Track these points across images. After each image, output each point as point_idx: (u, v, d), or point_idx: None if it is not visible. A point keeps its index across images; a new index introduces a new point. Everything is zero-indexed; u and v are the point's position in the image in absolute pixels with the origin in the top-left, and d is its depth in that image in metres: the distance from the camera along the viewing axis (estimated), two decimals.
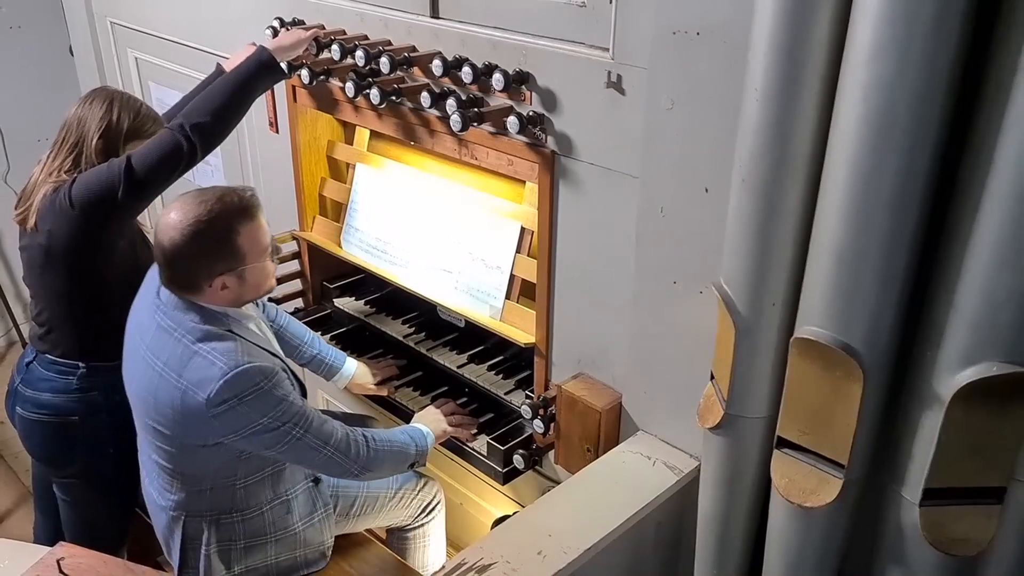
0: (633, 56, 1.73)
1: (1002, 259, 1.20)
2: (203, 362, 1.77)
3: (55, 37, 3.96)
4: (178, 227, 1.76)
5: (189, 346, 1.79)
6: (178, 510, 1.96)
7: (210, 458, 1.87)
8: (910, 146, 1.21)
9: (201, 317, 1.83)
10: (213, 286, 1.81)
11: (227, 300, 1.86)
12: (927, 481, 1.36)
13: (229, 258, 1.80)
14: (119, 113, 2.14)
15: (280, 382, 1.82)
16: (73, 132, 2.14)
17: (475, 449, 2.29)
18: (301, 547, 2.08)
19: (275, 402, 1.80)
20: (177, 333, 1.82)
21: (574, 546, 1.71)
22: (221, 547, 1.99)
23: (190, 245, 1.76)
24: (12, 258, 4.13)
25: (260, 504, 1.99)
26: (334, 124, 2.70)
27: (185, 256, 1.78)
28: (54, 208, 2.08)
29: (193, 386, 1.76)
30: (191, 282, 1.82)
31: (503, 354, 2.44)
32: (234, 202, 1.80)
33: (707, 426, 1.63)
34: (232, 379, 1.74)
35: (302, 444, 1.85)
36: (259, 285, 1.91)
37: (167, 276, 1.84)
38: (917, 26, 1.14)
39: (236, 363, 1.76)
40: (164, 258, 1.81)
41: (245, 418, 1.78)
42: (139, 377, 1.90)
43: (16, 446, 3.51)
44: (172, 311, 1.85)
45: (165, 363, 1.81)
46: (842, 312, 1.33)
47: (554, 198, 2.01)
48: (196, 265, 1.79)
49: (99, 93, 2.18)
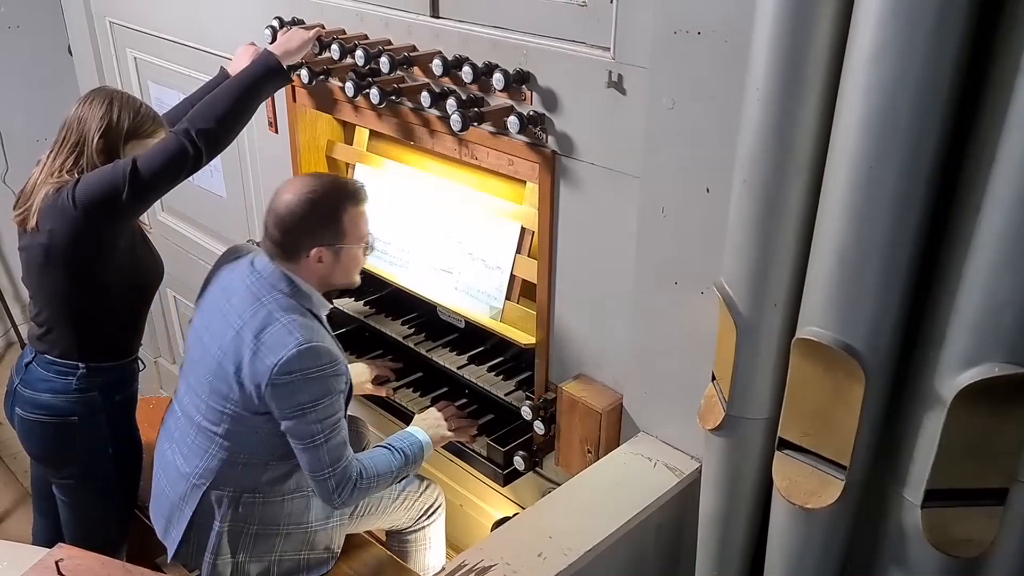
0: (634, 56, 1.72)
1: (1004, 260, 1.19)
2: (281, 330, 1.88)
3: (54, 37, 3.95)
4: (296, 194, 1.93)
5: (272, 312, 1.91)
6: (203, 479, 2.01)
7: (259, 427, 1.95)
8: (912, 146, 1.21)
9: (291, 290, 1.96)
10: (311, 256, 1.93)
11: (319, 275, 1.98)
12: (929, 482, 1.35)
13: (332, 232, 1.94)
14: (119, 112, 2.13)
15: (340, 372, 1.93)
16: (74, 132, 2.13)
17: (475, 451, 2.29)
18: (307, 548, 2.10)
19: (326, 390, 1.89)
20: (264, 299, 1.94)
21: (575, 548, 1.71)
22: (233, 527, 2.02)
23: (303, 210, 1.92)
24: (11, 259, 4.13)
25: (283, 492, 2.04)
26: (334, 124, 2.69)
27: (297, 220, 1.92)
28: (56, 208, 2.07)
29: (266, 348, 1.87)
30: (294, 248, 1.94)
31: (503, 355, 2.44)
32: (346, 185, 2.01)
33: (708, 427, 1.63)
34: (305, 351, 1.85)
35: (317, 453, 1.91)
36: (348, 271, 2.02)
37: (273, 240, 1.96)
38: (919, 26, 1.14)
39: (311, 339, 1.87)
40: (277, 223, 1.94)
41: (296, 397, 1.86)
42: (214, 333, 1.98)
43: (15, 447, 3.51)
44: (266, 279, 1.96)
45: (245, 322, 1.92)
46: (844, 313, 1.33)
47: (555, 198, 2.00)
48: (303, 231, 1.93)
49: (99, 93, 2.18)
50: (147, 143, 2.16)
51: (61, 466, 2.33)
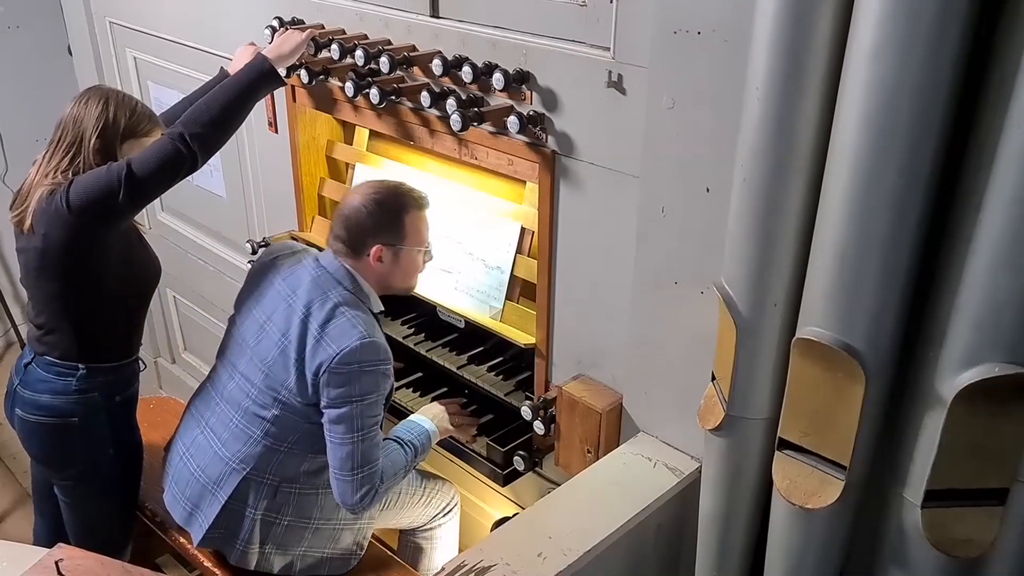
0: (634, 55, 1.72)
1: (1004, 259, 1.19)
2: (346, 323, 1.97)
3: (54, 37, 3.95)
4: (363, 196, 2.05)
5: (337, 306, 2.00)
6: (244, 464, 2.06)
7: (307, 417, 2.02)
8: (912, 145, 1.21)
9: (353, 287, 2.05)
10: (371, 254, 2.03)
11: (378, 274, 2.07)
12: (929, 482, 1.35)
13: (393, 232, 2.04)
14: (115, 112, 2.12)
15: (390, 373, 2.03)
16: (69, 131, 2.12)
17: (475, 450, 2.29)
18: (331, 545, 2.15)
19: (376, 385, 1.97)
20: (331, 293, 2.02)
21: (574, 548, 1.71)
22: (266, 516, 2.07)
23: (368, 209, 2.02)
24: (11, 259, 4.12)
25: (318, 484, 2.09)
26: (333, 124, 2.69)
27: (362, 217, 2.03)
28: (50, 211, 2.06)
29: (329, 338, 1.95)
30: (357, 245, 2.04)
31: (503, 355, 2.43)
32: (410, 191, 2.08)
33: (708, 427, 1.62)
34: (367, 344, 1.94)
35: (348, 450, 1.96)
36: (407, 274, 2.11)
37: (339, 238, 2.06)
38: (919, 24, 1.14)
39: (372, 334, 1.97)
40: (344, 221, 2.05)
41: (348, 388, 1.93)
42: (276, 320, 2.05)
43: (14, 447, 3.51)
44: (332, 273, 2.05)
45: (310, 312, 2.00)
46: (844, 312, 1.33)
47: (554, 198, 2.00)
48: (366, 228, 2.02)
49: (94, 92, 2.17)
50: (143, 142, 2.16)
51: (62, 467, 2.33)
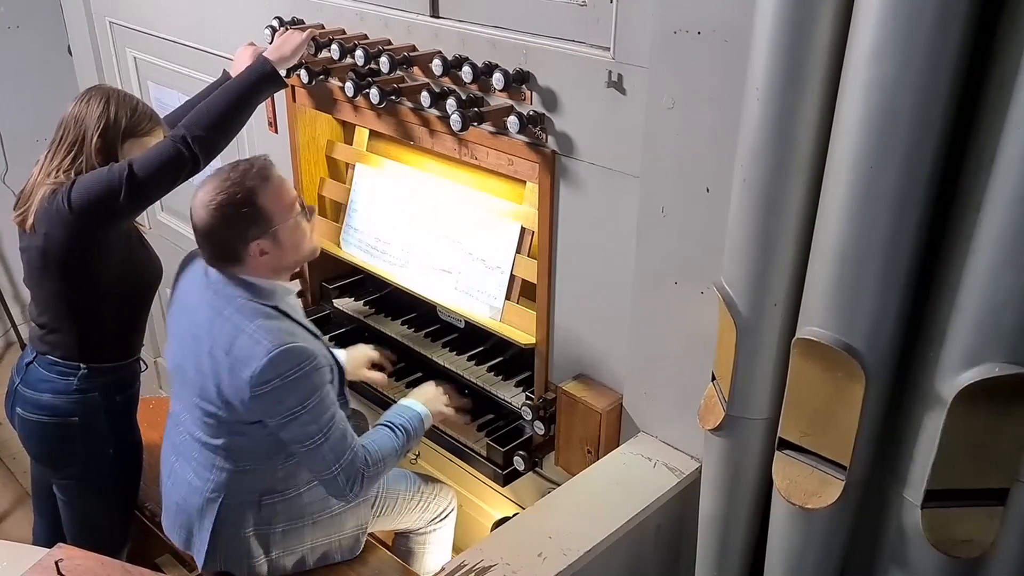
0: (634, 55, 1.72)
1: (1005, 259, 1.19)
2: (248, 340, 1.82)
3: (54, 37, 3.95)
4: (206, 205, 1.85)
5: (236, 324, 1.85)
6: (218, 491, 1.99)
7: (259, 434, 1.92)
8: (912, 145, 1.21)
9: (249, 293, 1.89)
10: (252, 253, 1.87)
11: (270, 267, 1.91)
12: (929, 482, 1.35)
13: (258, 222, 1.86)
14: (116, 111, 2.13)
15: (319, 366, 1.86)
16: (71, 131, 2.12)
17: (475, 450, 2.29)
18: (338, 531, 2.11)
19: (312, 388, 1.84)
20: (226, 312, 1.88)
21: (574, 548, 1.71)
22: (259, 531, 2.02)
23: (219, 217, 1.84)
24: (11, 259, 4.13)
25: (298, 484, 2.02)
26: (333, 124, 2.69)
27: (217, 229, 1.85)
28: (51, 211, 2.07)
29: (240, 364, 1.82)
30: (231, 254, 1.88)
31: (503, 355, 2.43)
32: (248, 169, 1.88)
33: (708, 427, 1.62)
34: (277, 357, 1.79)
35: (319, 453, 1.88)
36: (298, 245, 1.94)
37: (208, 253, 1.91)
38: (919, 25, 1.14)
39: (280, 342, 1.81)
40: (201, 236, 1.88)
41: (282, 403, 1.82)
42: (189, 355, 1.94)
43: (14, 447, 3.51)
44: (221, 288, 1.91)
45: (214, 341, 1.87)
46: (844, 312, 1.33)
47: (554, 198, 2.00)
48: (229, 236, 1.86)
49: (96, 91, 2.17)
50: (145, 142, 2.16)
51: (62, 466, 2.33)
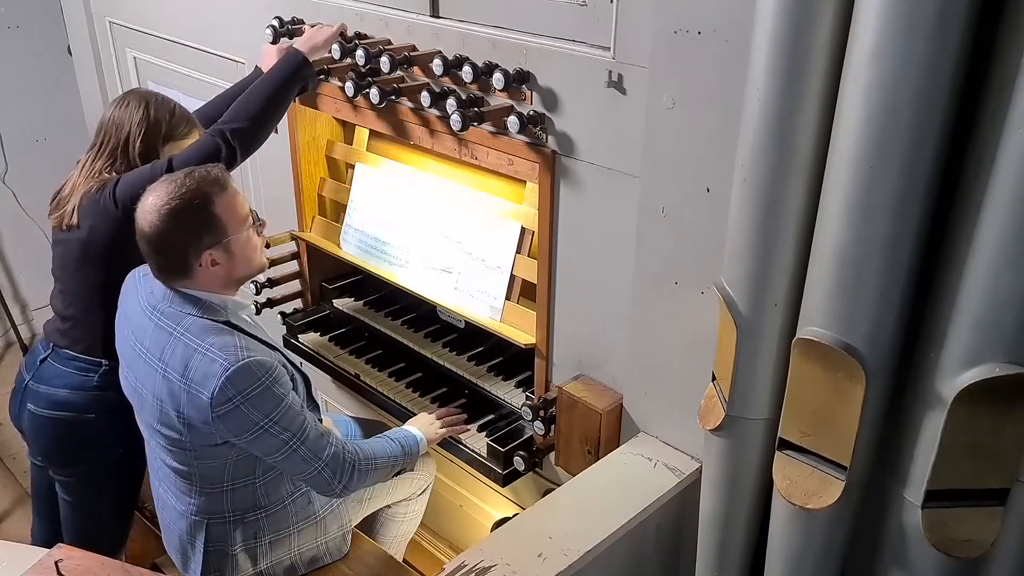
0: (634, 55, 1.72)
1: (1005, 259, 1.19)
2: (203, 360, 1.76)
3: (53, 37, 3.95)
4: (157, 210, 1.78)
5: (189, 344, 1.79)
6: (201, 514, 1.96)
7: (226, 455, 1.88)
8: (912, 145, 1.21)
9: (199, 310, 1.84)
10: (203, 264, 1.82)
11: (220, 280, 1.86)
12: (929, 483, 1.35)
13: (212, 230, 1.81)
14: (155, 115, 2.19)
15: (279, 377, 1.81)
16: (112, 135, 2.18)
17: (475, 451, 2.29)
18: (323, 534, 2.11)
19: (276, 400, 1.79)
20: (176, 331, 1.82)
21: (574, 548, 1.71)
22: (247, 546, 2.00)
23: (171, 223, 1.78)
24: (11, 259, 4.12)
25: (282, 498, 2.01)
26: (333, 124, 2.69)
27: (169, 236, 1.79)
28: (97, 206, 2.12)
29: (197, 385, 1.76)
30: (181, 265, 1.82)
31: (503, 355, 2.43)
32: (204, 175, 1.83)
33: (708, 427, 1.62)
34: (234, 374, 1.74)
35: (297, 456, 1.85)
36: (249, 259, 1.90)
37: (158, 264, 1.85)
38: (920, 25, 1.14)
39: (236, 359, 1.75)
40: (150, 245, 1.81)
41: (247, 419, 1.78)
42: (143, 381, 1.89)
43: (14, 447, 3.50)
44: (169, 308, 1.85)
45: (167, 364, 1.81)
46: (844, 313, 1.33)
47: (555, 198, 2.00)
48: (181, 243, 1.80)
49: (133, 95, 2.23)
50: (182, 144, 2.21)
51: (69, 463, 2.33)
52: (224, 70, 2.82)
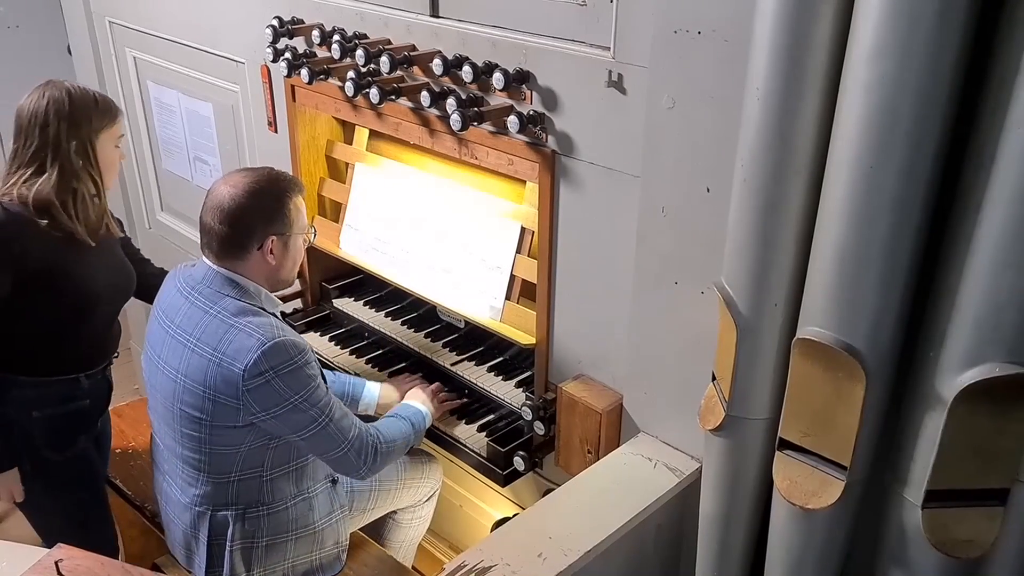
0: (634, 55, 1.72)
1: (1005, 259, 1.19)
2: (240, 335, 1.82)
3: (53, 36, 3.95)
4: (239, 186, 1.88)
5: (224, 320, 1.85)
6: (204, 504, 1.99)
7: (240, 441, 1.90)
8: (912, 145, 1.21)
9: (238, 292, 1.90)
10: (263, 248, 1.90)
11: (266, 272, 1.94)
12: (929, 483, 1.35)
13: (283, 220, 1.92)
14: (78, 110, 2.11)
15: (311, 361, 1.88)
16: (36, 136, 2.10)
17: (475, 451, 2.29)
18: (318, 547, 2.11)
19: (306, 380, 1.85)
20: (213, 310, 1.87)
21: (574, 548, 1.71)
22: (244, 544, 2.01)
23: (253, 201, 1.87)
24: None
25: (284, 499, 2.03)
26: (333, 124, 2.69)
27: (247, 210, 1.87)
28: None
29: (229, 358, 1.81)
30: (245, 242, 1.89)
31: (503, 355, 2.43)
32: (286, 176, 1.98)
33: (708, 427, 1.62)
34: (270, 349, 1.79)
35: (325, 433, 1.90)
36: (295, 263, 2.01)
37: (222, 237, 1.89)
38: (919, 24, 1.14)
39: (273, 335, 1.82)
40: (224, 217, 1.87)
41: (277, 395, 1.82)
42: (168, 359, 1.92)
43: None
44: (207, 288, 1.90)
45: (198, 338, 1.86)
46: (844, 313, 1.33)
47: (555, 198, 2.00)
48: (254, 220, 1.89)
49: (50, 88, 2.15)
50: (114, 131, 2.18)
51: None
52: (224, 70, 2.82)
